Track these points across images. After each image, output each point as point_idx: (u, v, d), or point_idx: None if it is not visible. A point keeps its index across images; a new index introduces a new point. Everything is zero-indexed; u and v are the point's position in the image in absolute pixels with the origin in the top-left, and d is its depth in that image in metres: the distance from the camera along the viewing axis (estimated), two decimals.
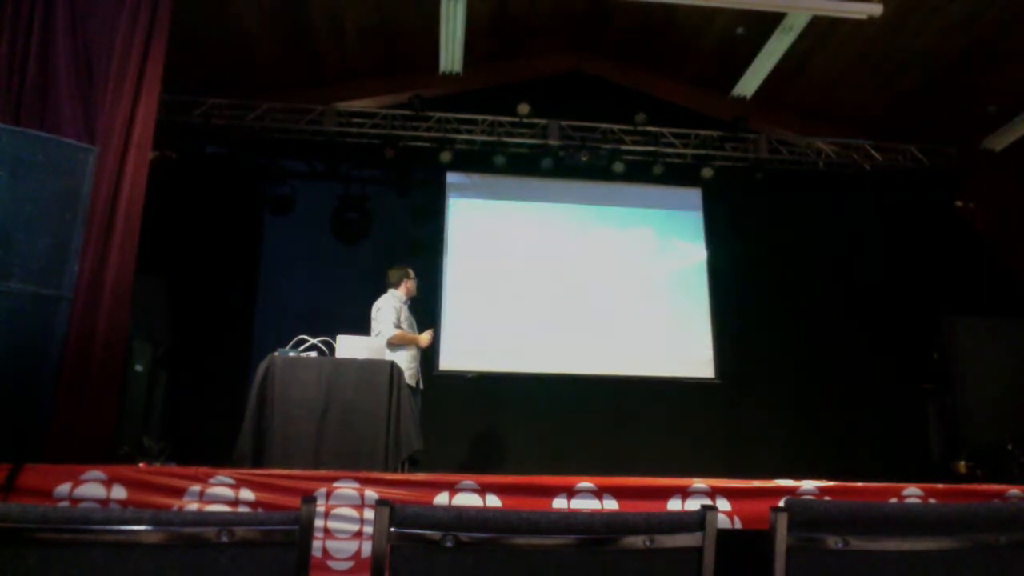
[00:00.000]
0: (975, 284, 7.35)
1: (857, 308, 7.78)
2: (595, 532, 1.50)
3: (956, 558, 1.61)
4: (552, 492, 2.71)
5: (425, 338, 5.17)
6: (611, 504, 2.71)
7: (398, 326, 5.03)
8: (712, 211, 8.05)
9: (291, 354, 4.01)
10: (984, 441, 6.33)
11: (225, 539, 1.37)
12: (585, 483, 2.71)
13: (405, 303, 5.27)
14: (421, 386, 5.21)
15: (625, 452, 6.91)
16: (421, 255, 7.20)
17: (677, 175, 7.77)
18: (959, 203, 7.81)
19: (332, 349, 4.20)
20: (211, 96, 7.00)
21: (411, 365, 5.06)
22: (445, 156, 7.37)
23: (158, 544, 1.36)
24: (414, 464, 4.16)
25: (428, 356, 6.61)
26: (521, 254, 7.66)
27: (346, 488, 2.61)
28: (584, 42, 7.96)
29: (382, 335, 4.93)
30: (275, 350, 3.99)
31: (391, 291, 5.28)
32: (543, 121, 7.48)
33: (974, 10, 6.08)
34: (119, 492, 2.53)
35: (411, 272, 5.40)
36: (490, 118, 7.41)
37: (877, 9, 5.89)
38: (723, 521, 2.68)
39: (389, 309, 5.07)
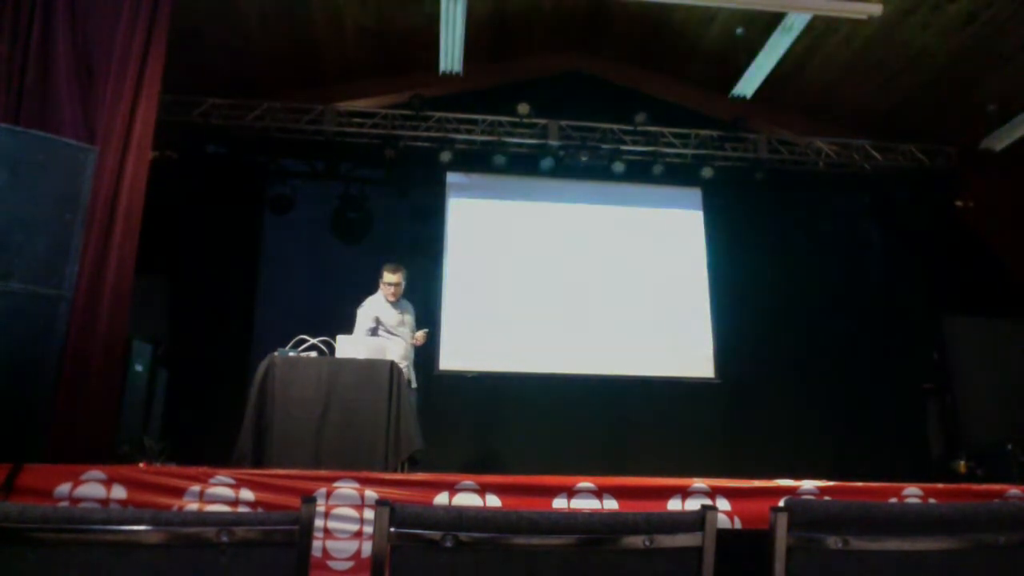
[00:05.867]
0: (975, 284, 7.34)
1: (857, 308, 7.77)
2: (595, 532, 1.50)
3: (956, 558, 1.61)
4: (552, 492, 2.71)
5: (419, 337, 5.17)
6: (611, 504, 2.71)
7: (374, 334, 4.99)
8: (712, 211, 8.04)
9: (291, 354, 4.01)
10: (984, 441, 6.33)
11: (225, 539, 1.37)
12: (585, 483, 2.71)
13: (388, 304, 5.15)
14: (414, 384, 5.18)
15: (625, 452, 6.91)
16: (421, 255, 7.20)
17: (677, 175, 7.77)
18: (959, 203, 7.81)
19: (332, 349, 4.20)
20: (211, 96, 6.99)
21: (402, 364, 5.04)
22: (445, 156, 7.36)
23: (158, 544, 1.36)
24: (414, 464, 4.16)
25: (428, 356, 6.62)
26: (521, 254, 7.65)
27: (346, 488, 2.61)
28: (584, 42, 7.95)
29: None
30: (275, 350, 3.99)
31: (377, 293, 5.24)
32: (543, 121, 7.47)
33: (974, 10, 6.08)
34: (119, 492, 2.52)
35: (385, 274, 5.15)
36: (490, 118, 7.40)
37: (877, 9, 5.88)
38: (723, 521, 2.68)
39: (362, 317, 5.01)
